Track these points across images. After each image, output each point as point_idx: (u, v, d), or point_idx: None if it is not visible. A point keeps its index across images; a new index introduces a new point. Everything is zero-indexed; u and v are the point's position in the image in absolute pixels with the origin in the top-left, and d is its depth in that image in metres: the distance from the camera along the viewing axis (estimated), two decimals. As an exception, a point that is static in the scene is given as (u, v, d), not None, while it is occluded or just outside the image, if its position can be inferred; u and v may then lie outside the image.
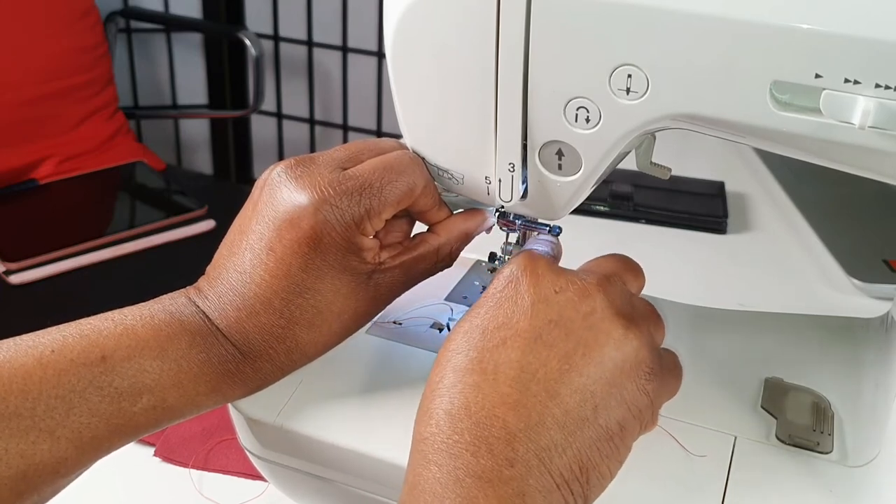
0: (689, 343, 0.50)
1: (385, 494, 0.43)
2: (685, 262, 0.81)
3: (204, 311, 0.40)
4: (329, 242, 0.40)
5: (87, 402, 0.36)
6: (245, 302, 0.39)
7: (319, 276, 0.40)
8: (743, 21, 0.34)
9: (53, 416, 0.35)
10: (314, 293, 0.40)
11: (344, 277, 0.40)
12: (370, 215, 0.41)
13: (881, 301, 0.74)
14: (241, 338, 0.39)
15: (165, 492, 0.52)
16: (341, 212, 0.40)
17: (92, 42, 1.49)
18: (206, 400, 0.39)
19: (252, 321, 0.39)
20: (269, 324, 0.39)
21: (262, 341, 0.40)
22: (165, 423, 0.38)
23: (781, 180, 0.93)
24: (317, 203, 0.39)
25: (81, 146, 1.46)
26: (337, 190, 0.40)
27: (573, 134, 0.41)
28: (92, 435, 0.36)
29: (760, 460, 0.41)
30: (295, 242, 0.39)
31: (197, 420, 0.57)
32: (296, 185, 0.40)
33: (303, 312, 0.40)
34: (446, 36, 0.41)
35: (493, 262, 0.53)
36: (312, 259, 0.39)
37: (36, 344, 0.36)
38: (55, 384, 0.35)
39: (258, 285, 0.39)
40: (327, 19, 1.85)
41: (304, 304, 0.40)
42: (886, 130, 0.34)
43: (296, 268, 0.39)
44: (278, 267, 0.39)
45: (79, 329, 0.37)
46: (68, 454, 0.35)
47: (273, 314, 0.39)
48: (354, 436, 0.42)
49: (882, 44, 0.33)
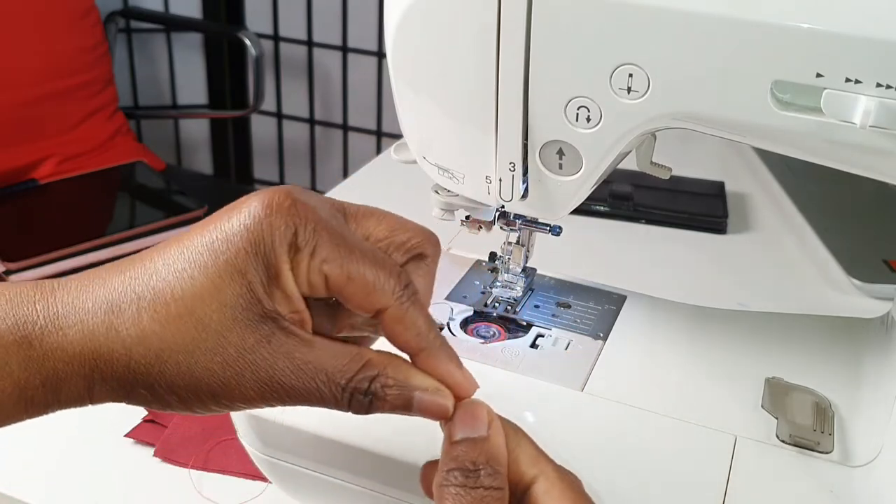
0: (689, 343, 0.50)
1: (385, 491, 0.43)
2: (685, 262, 0.81)
3: (35, 303, 0.32)
4: (252, 238, 0.31)
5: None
6: (112, 299, 0.32)
7: (219, 286, 0.31)
8: (744, 21, 0.34)
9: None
10: (195, 270, 0.31)
11: (237, 284, 0.31)
12: (315, 254, 0.32)
13: (881, 301, 0.74)
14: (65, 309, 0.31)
15: (165, 492, 0.52)
16: (287, 221, 0.31)
17: (92, 42, 1.49)
18: (15, 411, 0.32)
19: (95, 287, 0.32)
20: (131, 322, 0.31)
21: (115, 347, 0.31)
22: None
23: (781, 180, 0.93)
24: (269, 201, 0.32)
25: (81, 146, 1.46)
26: (301, 207, 0.32)
27: (574, 133, 0.41)
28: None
29: (761, 460, 0.41)
30: (227, 235, 0.32)
31: (197, 420, 0.57)
32: (274, 190, 0.32)
33: (163, 284, 0.31)
34: (447, 36, 0.41)
35: (493, 261, 0.53)
36: (222, 242, 0.31)
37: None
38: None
39: (146, 282, 0.32)
40: (327, 19, 1.85)
41: (183, 311, 0.31)
42: (887, 130, 0.34)
43: (196, 258, 0.31)
44: (184, 250, 0.32)
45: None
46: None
47: (138, 311, 0.31)
48: (355, 432, 0.42)
49: (883, 43, 0.33)
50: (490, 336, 0.50)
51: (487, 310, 0.52)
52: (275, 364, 0.32)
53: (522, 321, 0.51)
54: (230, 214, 0.32)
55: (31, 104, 1.40)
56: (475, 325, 0.51)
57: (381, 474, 0.42)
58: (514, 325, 0.51)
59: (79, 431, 0.57)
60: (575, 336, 0.50)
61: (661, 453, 0.42)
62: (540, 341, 0.49)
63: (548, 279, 0.56)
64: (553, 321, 0.51)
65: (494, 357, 0.48)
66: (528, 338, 0.50)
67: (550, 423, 0.43)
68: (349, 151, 1.95)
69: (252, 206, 0.32)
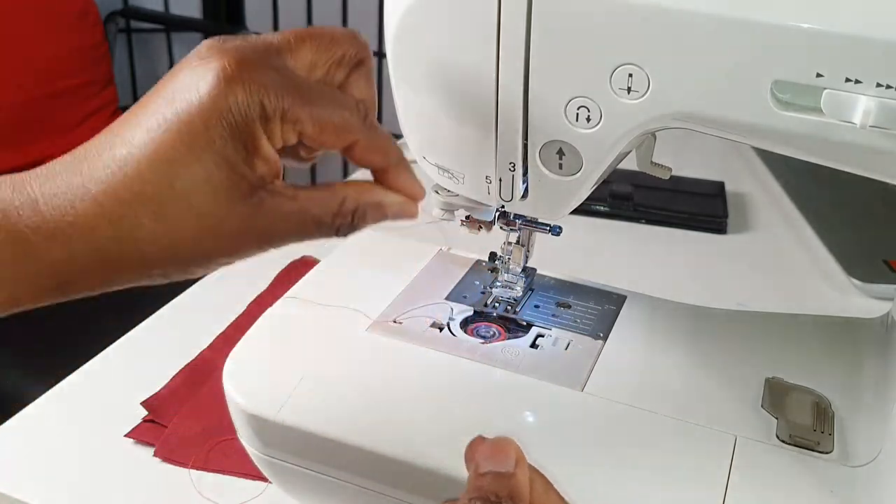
0: (689, 343, 0.50)
1: (385, 491, 0.43)
2: (685, 262, 0.81)
3: (25, 180, 0.33)
4: (224, 112, 0.32)
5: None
6: (94, 166, 0.33)
7: (193, 148, 0.32)
8: (744, 20, 0.34)
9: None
10: (179, 168, 0.32)
11: (224, 169, 0.33)
12: (290, 117, 0.34)
13: (881, 301, 0.74)
14: (62, 202, 0.32)
15: (165, 492, 0.52)
16: (264, 86, 0.33)
17: (92, 42, 1.49)
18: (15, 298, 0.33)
19: (92, 185, 0.32)
20: (105, 193, 0.32)
21: (87, 214, 0.32)
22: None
23: (781, 180, 0.93)
24: (239, 59, 0.33)
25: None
26: (273, 68, 0.34)
27: (574, 133, 0.41)
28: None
29: (761, 460, 0.41)
30: (189, 101, 0.32)
31: (197, 420, 0.57)
32: (209, 58, 0.33)
33: (155, 188, 0.32)
34: (447, 36, 0.41)
35: (493, 261, 0.53)
36: (199, 118, 0.32)
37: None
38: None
39: (125, 146, 0.33)
40: (327, 19, 1.85)
41: (160, 178, 0.32)
42: (887, 130, 0.34)
43: (174, 130, 0.32)
44: (154, 112, 0.33)
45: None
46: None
47: (116, 182, 0.32)
48: (355, 432, 0.42)
49: (883, 43, 0.33)
50: (490, 336, 0.50)
51: (487, 310, 0.52)
52: (270, 224, 0.35)
53: (522, 321, 0.51)
54: (186, 95, 0.33)
55: (31, 104, 1.40)
56: (475, 325, 0.51)
57: (381, 474, 0.42)
58: (514, 325, 0.51)
59: (79, 431, 0.57)
60: (575, 336, 0.50)
61: (661, 453, 0.42)
62: (540, 341, 0.49)
63: (548, 279, 0.56)
64: (553, 321, 0.51)
65: (494, 357, 0.48)
66: (528, 338, 0.50)
67: (550, 423, 0.43)
68: (349, 151, 1.95)
69: (209, 84, 0.32)
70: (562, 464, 0.41)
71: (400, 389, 0.45)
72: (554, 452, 0.41)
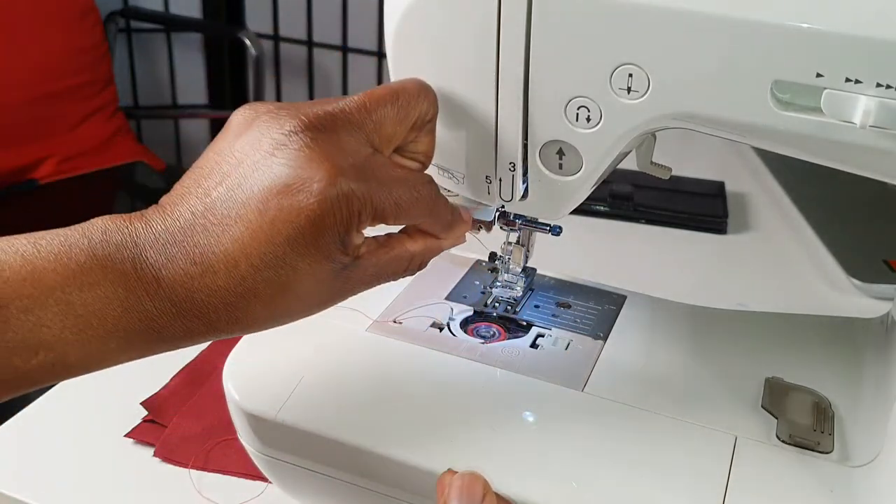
0: (689, 343, 0.50)
1: (385, 491, 0.43)
2: (685, 262, 0.81)
3: (142, 250, 0.34)
4: (329, 224, 0.35)
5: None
6: (205, 257, 0.34)
7: (301, 255, 0.35)
8: (744, 20, 0.34)
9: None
10: (289, 270, 0.35)
11: (324, 264, 0.36)
12: (378, 215, 0.37)
13: (881, 301, 0.74)
14: (184, 294, 0.34)
15: (165, 492, 0.52)
16: (354, 199, 0.36)
17: (92, 42, 1.49)
18: (117, 357, 0.35)
19: (205, 280, 0.34)
20: (225, 288, 0.35)
21: (207, 303, 0.35)
22: (65, 378, 0.34)
23: (781, 180, 0.93)
24: (332, 177, 0.35)
25: (81, 146, 1.46)
26: (360, 175, 0.36)
27: (574, 133, 0.41)
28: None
29: (761, 460, 0.41)
30: (295, 211, 0.34)
31: (197, 420, 0.57)
32: (312, 153, 0.35)
33: (268, 287, 0.35)
34: (447, 36, 0.41)
35: (493, 261, 0.53)
36: (304, 235, 0.35)
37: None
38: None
39: (231, 242, 0.34)
40: (327, 19, 1.85)
41: (273, 278, 0.35)
42: (887, 130, 0.34)
43: (283, 237, 0.35)
44: (262, 231, 0.34)
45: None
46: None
47: (233, 279, 0.35)
48: (355, 432, 0.42)
49: (883, 43, 0.33)
50: (490, 336, 0.50)
51: (487, 310, 0.52)
52: (352, 288, 0.39)
53: (522, 321, 0.51)
54: (290, 200, 0.35)
55: (31, 104, 1.40)
56: (475, 325, 0.51)
57: (380, 474, 0.42)
58: (514, 325, 0.51)
59: (79, 431, 0.57)
60: (575, 336, 0.50)
61: (661, 453, 0.42)
62: (540, 341, 0.49)
63: (548, 279, 0.56)
64: (553, 321, 0.51)
65: (494, 357, 0.48)
66: (528, 338, 0.50)
67: (550, 423, 0.43)
68: (349, 151, 1.95)
69: (313, 196, 0.35)
70: (562, 464, 0.41)
71: (400, 389, 0.45)
72: (554, 452, 0.41)
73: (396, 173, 0.39)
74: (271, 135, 0.36)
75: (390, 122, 0.39)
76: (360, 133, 0.38)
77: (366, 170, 0.37)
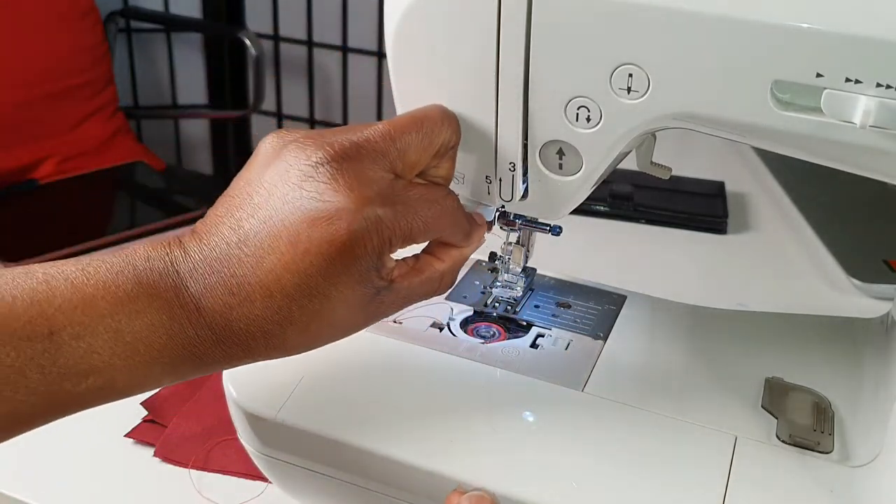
0: (689, 343, 0.50)
1: (385, 491, 0.43)
2: (685, 262, 0.81)
3: (183, 279, 0.35)
4: (360, 253, 0.37)
5: (26, 380, 0.32)
6: (242, 288, 0.35)
7: (334, 283, 0.37)
8: (744, 20, 0.34)
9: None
10: (323, 299, 0.37)
11: (358, 290, 0.37)
12: (407, 237, 0.39)
13: (881, 301, 0.74)
14: (224, 323, 0.36)
15: (165, 492, 0.52)
16: (383, 226, 0.37)
17: (92, 42, 1.49)
18: (160, 380, 0.36)
19: (243, 309, 0.36)
20: (262, 317, 0.36)
21: (245, 331, 0.36)
22: (113, 400, 0.36)
23: (781, 180, 0.93)
24: (360, 207, 0.36)
25: (81, 146, 1.46)
26: (387, 202, 0.37)
27: (574, 133, 0.41)
28: (28, 412, 0.33)
29: (761, 460, 0.41)
30: (325, 242, 0.36)
31: (197, 420, 0.57)
32: (339, 184, 0.36)
33: (303, 314, 0.37)
34: (447, 35, 0.41)
35: (493, 261, 0.53)
36: (336, 264, 0.36)
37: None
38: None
39: (265, 273, 0.36)
40: (327, 19, 1.85)
41: (307, 306, 0.36)
42: (887, 130, 0.34)
43: (315, 269, 0.36)
44: (296, 263, 0.36)
45: (31, 291, 0.33)
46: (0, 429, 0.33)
47: (270, 309, 0.36)
48: (355, 432, 0.42)
49: (883, 43, 0.33)
50: (490, 336, 0.50)
51: (487, 310, 0.52)
52: (385, 311, 0.40)
53: (522, 321, 0.51)
54: (320, 232, 0.36)
55: (31, 104, 1.40)
56: (475, 325, 0.51)
57: (381, 474, 0.42)
58: (514, 325, 0.51)
59: (79, 431, 0.57)
60: (575, 336, 0.50)
61: (661, 453, 0.42)
62: (540, 341, 0.49)
63: (548, 279, 0.56)
64: (553, 321, 0.51)
65: (494, 357, 0.48)
66: (528, 338, 0.50)
67: (550, 423, 0.43)
68: (349, 151, 1.95)
69: (344, 228, 0.36)
70: (561, 464, 0.41)
71: (400, 389, 0.45)
72: (554, 453, 0.41)
73: (419, 192, 0.40)
74: (299, 166, 0.37)
75: (414, 150, 0.40)
76: (384, 161, 0.38)
77: (391, 195, 0.38)
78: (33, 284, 0.33)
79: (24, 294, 0.33)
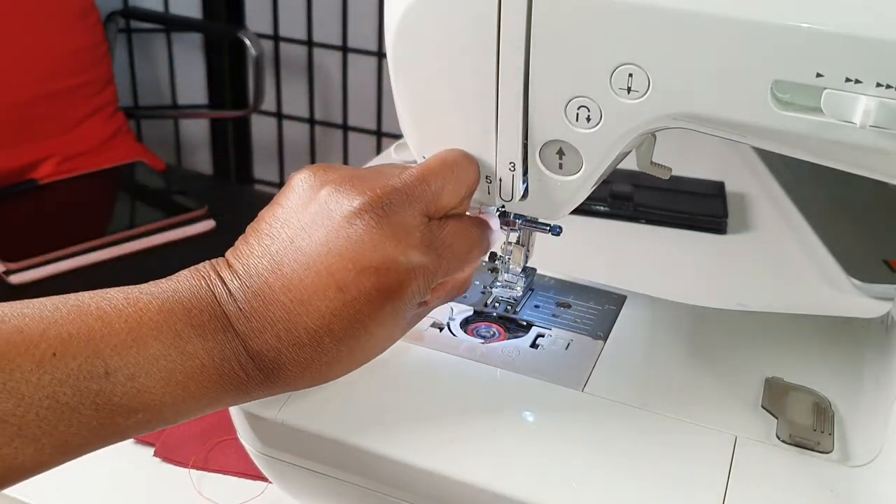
0: (689, 343, 0.50)
1: (385, 491, 0.43)
2: (685, 262, 0.81)
3: (232, 321, 0.36)
4: (408, 298, 0.38)
5: (80, 416, 0.33)
6: (290, 333, 0.36)
7: (381, 324, 0.38)
8: (744, 20, 0.34)
9: (42, 425, 0.32)
10: (370, 337, 0.38)
11: (401, 323, 0.40)
12: (446, 273, 0.41)
13: (881, 301, 0.73)
14: (272, 366, 0.37)
15: (165, 492, 0.52)
16: (428, 270, 0.39)
17: (92, 42, 1.49)
18: (204, 410, 0.37)
19: (291, 354, 0.37)
20: (311, 359, 0.37)
21: (293, 373, 0.37)
22: (157, 429, 0.37)
23: (781, 180, 0.93)
24: (406, 256, 0.38)
25: (81, 146, 1.46)
26: (429, 247, 0.39)
27: (574, 133, 0.41)
28: (78, 444, 0.34)
29: (761, 460, 0.41)
30: (375, 290, 0.37)
31: (197, 420, 0.56)
32: (384, 232, 0.37)
33: (350, 353, 0.38)
34: (447, 35, 0.41)
35: (493, 261, 0.53)
36: (385, 309, 0.37)
37: (36, 341, 0.33)
38: (49, 394, 0.32)
39: (315, 320, 0.36)
40: (327, 19, 1.85)
41: (354, 346, 0.38)
42: (887, 130, 0.34)
43: (365, 315, 0.37)
44: (345, 309, 0.37)
45: (87, 328, 0.34)
46: (50, 459, 0.34)
47: (319, 352, 0.37)
48: (354, 432, 0.42)
49: (883, 43, 0.33)
50: (490, 336, 0.50)
51: (487, 310, 0.52)
52: (416, 321, 0.44)
53: (522, 321, 0.51)
54: (367, 282, 0.37)
55: (31, 104, 1.40)
56: (475, 325, 0.51)
57: (380, 474, 0.42)
58: (514, 325, 0.51)
59: (79, 431, 0.57)
60: (575, 336, 0.50)
61: (661, 453, 0.42)
62: (540, 341, 0.49)
63: (548, 279, 0.56)
64: (553, 321, 0.51)
65: (494, 357, 0.48)
66: (528, 338, 0.50)
67: (550, 423, 0.43)
68: (349, 151, 1.95)
69: (391, 279, 0.38)
70: (561, 464, 0.41)
71: (400, 389, 0.45)
72: (554, 453, 0.41)
73: (451, 228, 0.41)
74: (340, 211, 0.37)
75: (447, 195, 0.41)
76: (420, 205, 0.39)
77: (431, 239, 0.39)
78: (89, 321, 0.34)
79: (80, 332, 0.34)
